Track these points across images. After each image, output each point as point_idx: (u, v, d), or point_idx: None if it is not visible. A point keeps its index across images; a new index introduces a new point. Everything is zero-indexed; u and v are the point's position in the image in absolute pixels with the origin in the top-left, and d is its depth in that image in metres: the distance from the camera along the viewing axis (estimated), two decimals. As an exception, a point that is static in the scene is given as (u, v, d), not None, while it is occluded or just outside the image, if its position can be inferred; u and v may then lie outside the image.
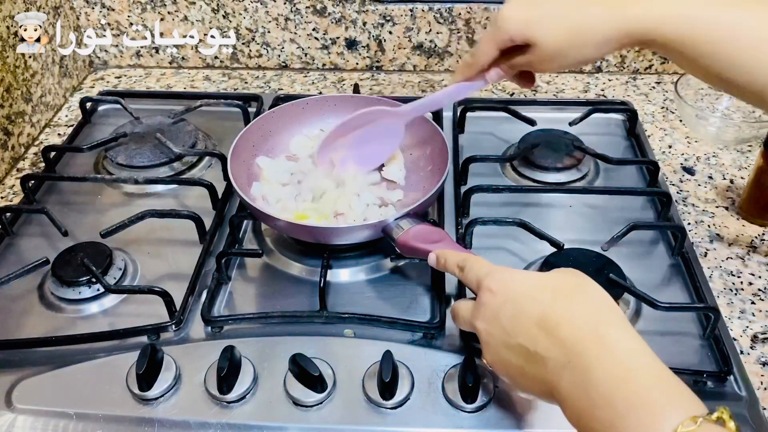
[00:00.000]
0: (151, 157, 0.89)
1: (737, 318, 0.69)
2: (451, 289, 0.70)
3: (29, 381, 0.62)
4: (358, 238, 0.70)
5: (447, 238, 0.65)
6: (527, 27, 0.59)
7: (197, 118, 0.96)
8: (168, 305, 0.67)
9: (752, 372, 0.63)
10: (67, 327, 0.68)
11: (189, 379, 0.62)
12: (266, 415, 0.59)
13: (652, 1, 0.56)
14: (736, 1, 0.55)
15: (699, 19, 0.54)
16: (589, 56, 0.60)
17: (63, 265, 0.71)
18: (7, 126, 0.91)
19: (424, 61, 1.11)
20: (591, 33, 0.57)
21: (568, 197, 0.83)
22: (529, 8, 0.59)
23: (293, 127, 0.86)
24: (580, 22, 0.58)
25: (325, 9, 1.06)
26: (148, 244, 0.77)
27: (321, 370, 0.59)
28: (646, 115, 1.00)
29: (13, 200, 0.87)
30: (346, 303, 0.70)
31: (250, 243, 0.78)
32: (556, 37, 0.58)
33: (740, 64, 0.54)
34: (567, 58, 0.60)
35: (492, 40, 0.62)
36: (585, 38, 0.58)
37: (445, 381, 0.61)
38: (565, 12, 0.58)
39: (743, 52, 0.53)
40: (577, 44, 0.58)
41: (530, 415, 0.59)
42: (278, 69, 1.13)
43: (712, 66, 0.55)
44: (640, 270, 0.72)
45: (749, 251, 0.77)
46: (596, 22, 0.57)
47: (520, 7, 0.60)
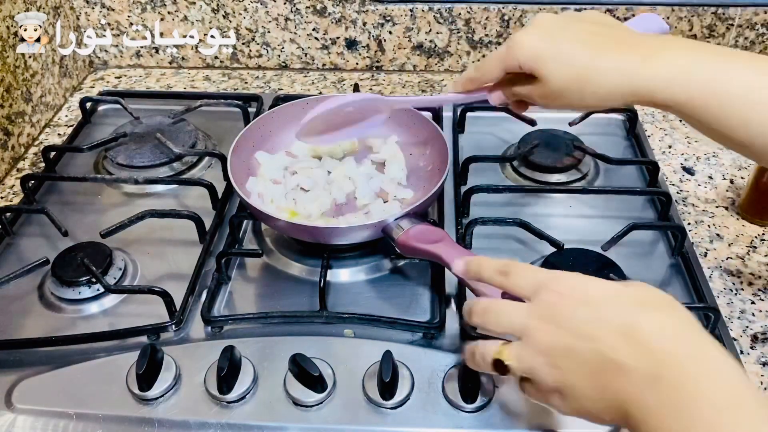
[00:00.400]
0: (151, 157, 0.89)
1: (737, 318, 0.69)
2: (451, 289, 0.70)
3: (29, 381, 0.62)
4: (358, 238, 0.70)
5: (447, 238, 0.65)
6: (538, 59, 0.56)
7: (197, 118, 0.96)
8: (168, 305, 0.67)
9: (752, 372, 0.63)
10: (67, 327, 0.68)
11: (189, 379, 0.62)
12: (266, 415, 0.59)
13: (665, 61, 0.53)
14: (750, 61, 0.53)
15: (709, 83, 0.52)
16: (591, 105, 0.57)
17: (63, 265, 0.71)
18: (7, 126, 0.91)
19: (424, 61, 1.11)
20: (597, 84, 0.54)
21: (568, 197, 0.83)
22: (543, 40, 0.56)
23: (293, 127, 0.85)
24: (590, 71, 0.54)
25: (325, 9, 1.06)
26: (148, 244, 0.77)
27: (321, 370, 0.59)
28: (646, 115, 1.00)
29: (13, 200, 0.87)
30: (346, 303, 0.70)
31: (250, 243, 0.78)
32: (562, 78, 0.55)
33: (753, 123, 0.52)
34: (569, 101, 0.57)
35: (500, 60, 0.59)
36: (590, 87, 0.55)
37: (445, 381, 0.61)
38: (578, 55, 0.55)
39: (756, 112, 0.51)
40: (581, 91, 0.55)
41: (530, 415, 0.59)
42: (278, 69, 1.13)
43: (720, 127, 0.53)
44: (640, 270, 0.72)
45: (749, 251, 0.77)
46: (605, 75, 0.54)
47: (535, 37, 0.56)
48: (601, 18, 0.59)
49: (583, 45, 0.55)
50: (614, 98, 0.55)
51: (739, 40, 1.04)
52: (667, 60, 0.53)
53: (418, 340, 0.66)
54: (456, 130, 0.93)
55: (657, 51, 0.54)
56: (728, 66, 0.52)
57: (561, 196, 0.83)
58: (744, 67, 0.52)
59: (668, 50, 0.54)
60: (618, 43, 0.55)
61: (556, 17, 0.58)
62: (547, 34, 0.56)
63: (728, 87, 0.51)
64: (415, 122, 0.83)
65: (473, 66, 0.63)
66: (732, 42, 1.04)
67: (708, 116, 0.53)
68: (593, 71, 0.54)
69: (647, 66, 0.53)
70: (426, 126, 0.81)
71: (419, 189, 0.78)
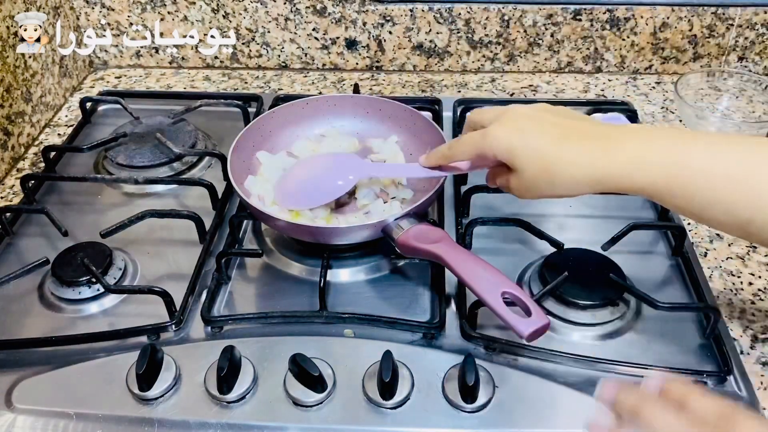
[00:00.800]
0: (151, 157, 0.89)
1: (737, 318, 0.69)
2: (451, 289, 0.70)
3: (29, 381, 0.62)
4: (358, 238, 0.70)
5: (447, 238, 0.65)
6: (510, 152, 0.58)
7: (197, 118, 0.96)
8: (168, 305, 0.67)
9: (752, 372, 0.63)
10: (67, 327, 0.68)
11: (189, 379, 0.62)
12: (266, 415, 0.59)
13: (625, 151, 0.55)
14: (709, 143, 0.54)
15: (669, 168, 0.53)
16: (563, 194, 0.58)
17: (63, 265, 0.71)
18: (7, 126, 0.91)
19: (424, 61, 1.11)
20: (564, 175, 0.56)
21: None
22: (512, 134, 0.58)
23: (293, 127, 0.86)
24: (556, 162, 0.56)
25: (325, 9, 1.06)
26: (148, 244, 0.77)
27: (321, 370, 0.59)
28: (646, 115, 1.00)
29: (13, 200, 0.87)
30: (346, 303, 0.70)
31: (250, 243, 0.78)
32: (532, 170, 0.57)
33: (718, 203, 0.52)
34: (542, 191, 0.59)
35: (475, 147, 0.60)
36: (558, 178, 0.56)
37: (445, 381, 0.61)
38: (543, 147, 0.57)
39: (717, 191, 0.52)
40: (551, 182, 0.57)
41: (530, 415, 0.59)
42: (278, 69, 1.13)
43: (688, 207, 0.54)
44: (640, 270, 0.72)
45: (749, 251, 0.77)
46: (570, 166, 0.56)
47: (506, 130, 0.58)
48: (569, 112, 0.61)
49: (550, 138, 0.57)
50: (581, 187, 0.57)
51: (739, 40, 1.04)
52: (627, 149, 0.55)
53: (418, 340, 0.66)
54: (456, 130, 0.93)
55: (618, 142, 0.55)
56: (687, 149, 0.53)
57: (561, 196, 0.83)
58: (703, 149, 0.53)
59: (628, 140, 0.55)
60: (581, 136, 0.57)
61: (527, 111, 0.60)
62: (518, 129, 0.58)
63: (686, 171, 0.52)
64: (415, 122, 0.83)
65: (447, 145, 0.66)
66: (732, 42, 1.04)
67: (675, 200, 0.54)
68: (559, 163, 0.56)
69: (608, 156, 0.55)
70: (426, 126, 0.81)
71: (419, 189, 0.78)
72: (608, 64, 1.10)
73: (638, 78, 1.09)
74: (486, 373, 0.60)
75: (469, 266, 0.61)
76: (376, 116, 0.86)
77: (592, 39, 1.06)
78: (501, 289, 0.58)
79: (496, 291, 0.58)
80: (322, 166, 0.78)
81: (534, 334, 0.55)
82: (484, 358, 0.63)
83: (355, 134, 0.86)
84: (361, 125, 0.87)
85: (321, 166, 0.78)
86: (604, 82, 1.09)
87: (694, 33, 1.04)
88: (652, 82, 1.08)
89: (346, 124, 0.87)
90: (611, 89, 1.07)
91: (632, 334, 0.66)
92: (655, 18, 1.03)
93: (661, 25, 1.04)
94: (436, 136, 0.79)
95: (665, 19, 1.03)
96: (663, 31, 1.04)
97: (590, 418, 0.49)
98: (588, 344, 0.65)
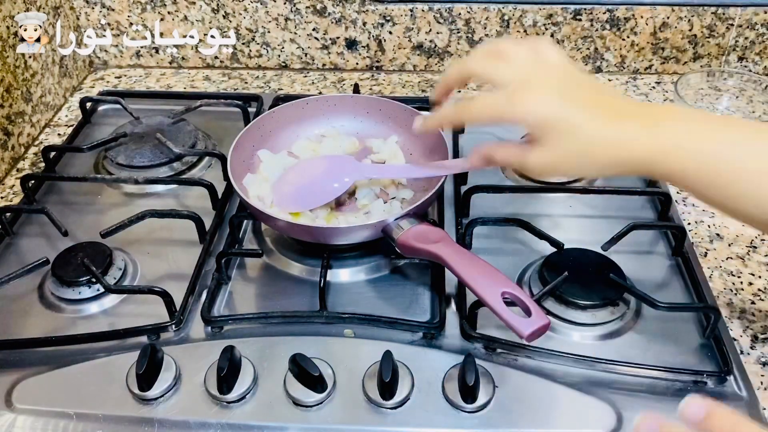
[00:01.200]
0: (151, 157, 0.89)
1: (737, 318, 0.69)
2: (451, 289, 0.70)
3: (29, 381, 0.62)
4: (358, 238, 0.70)
5: (447, 238, 0.65)
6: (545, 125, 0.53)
7: (197, 118, 0.96)
8: (168, 305, 0.67)
9: (752, 372, 0.63)
10: (67, 327, 0.68)
11: (189, 379, 0.62)
12: (266, 415, 0.59)
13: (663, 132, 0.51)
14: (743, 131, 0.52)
15: (699, 154, 0.50)
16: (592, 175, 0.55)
17: (63, 265, 0.71)
18: (7, 126, 0.91)
19: (424, 61, 1.11)
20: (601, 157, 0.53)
21: (568, 197, 0.83)
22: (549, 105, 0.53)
23: (293, 127, 0.86)
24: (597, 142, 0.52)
25: (325, 9, 1.06)
26: (148, 244, 0.77)
27: (321, 370, 0.59)
28: (646, 115, 1.00)
29: (13, 200, 0.87)
30: (346, 303, 0.70)
31: (250, 243, 0.78)
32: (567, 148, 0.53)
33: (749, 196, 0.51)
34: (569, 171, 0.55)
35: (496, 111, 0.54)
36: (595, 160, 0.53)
37: (445, 381, 0.61)
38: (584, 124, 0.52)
39: (749, 184, 0.50)
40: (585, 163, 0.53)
41: (530, 415, 0.59)
42: (278, 69, 1.13)
43: (716, 198, 0.52)
44: (640, 270, 0.72)
45: (749, 251, 0.77)
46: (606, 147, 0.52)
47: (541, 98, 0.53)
48: (597, 83, 0.58)
49: (591, 115, 0.52)
50: (613, 169, 0.54)
51: (739, 40, 1.04)
52: (664, 132, 0.52)
53: (418, 340, 0.66)
54: (456, 130, 0.93)
55: (655, 120, 0.52)
56: (718, 136, 0.51)
57: (561, 196, 0.83)
58: (737, 141, 0.51)
59: (662, 122, 0.52)
60: (618, 112, 0.53)
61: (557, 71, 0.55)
62: (555, 98, 0.53)
63: (720, 163, 0.50)
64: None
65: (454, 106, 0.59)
66: (732, 42, 1.04)
67: (704, 189, 0.52)
68: (602, 143, 0.52)
69: (647, 139, 0.52)
70: (426, 126, 0.81)
71: (419, 189, 0.78)
72: (608, 64, 1.10)
73: (638, 78, 1.09)
74: (486, 373, 0.60)
75: (469, 266, 0.61)
76: (376, 116, 0.87)
77: (592, 39, 1.06)
78: (501, 289, 0.58)
79: (496, 291, 0.58)
80: (317, 169, 0.78)
81: (534, 334, 0.55)
82: (484, 358, 0.63)
83: (355, 134, 0.86)
84: (361, 125, 0.87)
85: (316, 169, 0.78)
86: (604, 82, 1.09)
87: (694, 33, 1.04)
88: (652, 82, 1.08)
89: (346, 124, 0.87)
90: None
91: (632, 334, 0.66)
92: (655, 18, 1.03)
93: (661, 25, 1.04)
94: (437, 136, 0.79)
95: (665, 19, 1.03)
96: (663, 31, 1.04)
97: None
98: (588, 344, 0.65)
